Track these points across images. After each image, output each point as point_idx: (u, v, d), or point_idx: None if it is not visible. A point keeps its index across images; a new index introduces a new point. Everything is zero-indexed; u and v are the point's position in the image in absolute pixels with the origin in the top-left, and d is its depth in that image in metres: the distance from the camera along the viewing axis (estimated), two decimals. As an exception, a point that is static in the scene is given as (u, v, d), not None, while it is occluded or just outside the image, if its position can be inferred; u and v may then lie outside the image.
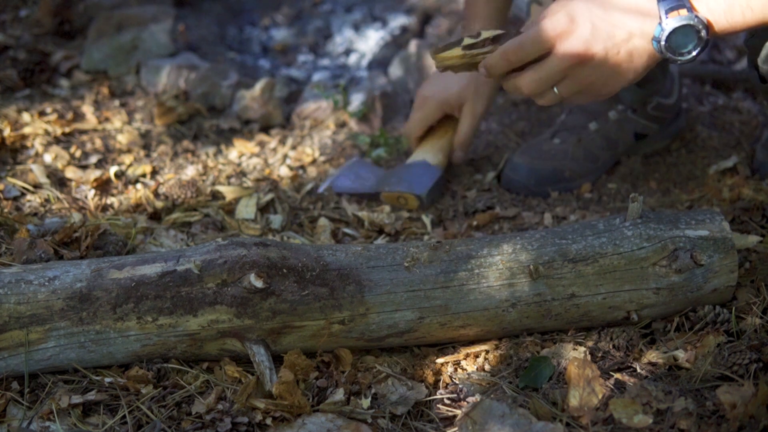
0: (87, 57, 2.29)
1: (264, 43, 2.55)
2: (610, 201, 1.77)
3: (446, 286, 1.26)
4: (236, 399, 1.16)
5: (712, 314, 1.30)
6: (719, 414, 1.13)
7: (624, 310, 1.30)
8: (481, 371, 1.28)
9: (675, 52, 1.20)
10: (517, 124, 2.08)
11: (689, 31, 1.17)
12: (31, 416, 1.16)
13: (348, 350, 1.28)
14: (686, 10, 1.17)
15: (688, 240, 1.29)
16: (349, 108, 2.09)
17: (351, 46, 2.51)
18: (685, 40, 1.18)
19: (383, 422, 1.16)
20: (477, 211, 1.75)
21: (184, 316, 1.21)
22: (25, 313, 1.19)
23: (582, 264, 1.28)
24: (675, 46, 1.19)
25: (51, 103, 2.11)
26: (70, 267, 1.24)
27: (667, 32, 1.17)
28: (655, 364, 1.25)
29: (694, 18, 1.17)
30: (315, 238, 1.66)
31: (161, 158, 1.94)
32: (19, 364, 1.21)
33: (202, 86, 2.17)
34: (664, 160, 1.88)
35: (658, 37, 1.19)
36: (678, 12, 1.17)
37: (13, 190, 1.71)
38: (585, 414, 1.14)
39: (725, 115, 2.01)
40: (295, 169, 1.93)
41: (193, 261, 1.22)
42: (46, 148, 1.88)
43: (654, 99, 1.83)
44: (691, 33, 1.18)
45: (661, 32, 1.18)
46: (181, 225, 1.66)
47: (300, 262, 1.23)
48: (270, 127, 2.13)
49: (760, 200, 1.60)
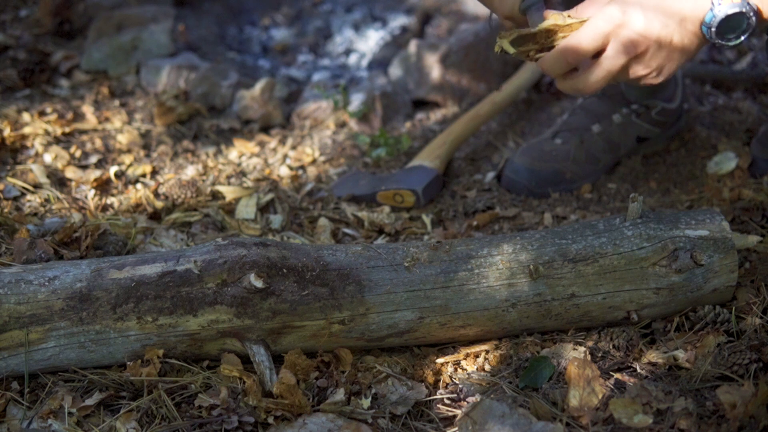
0: (87, 57, 2.29)
1: (264, 43, 2.55)
2: (610, 201, 1.77)
3: (446, 286, 1.26)
4: (243, 400, 1.16)
5: (712, 314, 1.30)
6: (719, 414, 1.13)
7: (624, 310, 1.30)
8: (481, 371, 1.28)
9: (723, 38, 1.20)
10: (517, 124, 2.08)
11: (741, 17, 1.18)
12: (31, 416, 1.16)
13: (348, 350, 1.28)
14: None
15: (688, 240, 1.29)
16: (349, 108, 2.09)
17: (351, 46, 2.51)
18: (735, 26, 1.19)
19: (383, 422, 1.16)
20: (477, 211, 1.75)
21: (184, 316, 1.21)
22: (25, 313, 1.19)
23: (582, 264, 1.28)
24: (724, 31, 1.20)
25: (51, 103, 2.11)
26: (70, 267, 1.24)
27: (719, 18, 1.18)
28: (655, 364, 1.25)
29: (746, 5, 1.17)
30: (315, 238, 1.66)
31: (161, 158, 1.94)
32: (19, 364, 1.21)
33: (202, 86, 2.17)
34: (664, 160, 1.88)
35: (709, 23, 1.19)
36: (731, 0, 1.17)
37: (13, 190, 1.71)
38: (585, 414, 1.14)
39: (725, 115, 2.01)
40: (295, 169, 1.93)
41: (193, 261, 1.22)
42: (46, 148, 1.88)
43: (658, 104, 1.83)
44: (742, 19, 1.18)
45: (713, 18, 1.18)
46: (181, 225, 1.66)
47: (300, 262, 1.23)
48: (270, 127, 2.13)
49: (760, 200, 1.60)
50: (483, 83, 2.18)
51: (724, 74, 2.19)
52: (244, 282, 1.20)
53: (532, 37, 1.22)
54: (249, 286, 1.20)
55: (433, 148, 1.88)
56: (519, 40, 1.23)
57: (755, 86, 2.14)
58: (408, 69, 2.21)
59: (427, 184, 1.77)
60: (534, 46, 1.23)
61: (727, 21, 1.18)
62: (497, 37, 1.25)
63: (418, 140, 2.02)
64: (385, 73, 2.26)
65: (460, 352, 1.32)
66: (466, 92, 2.17)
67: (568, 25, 1.20)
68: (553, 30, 1.21)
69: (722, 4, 1.17)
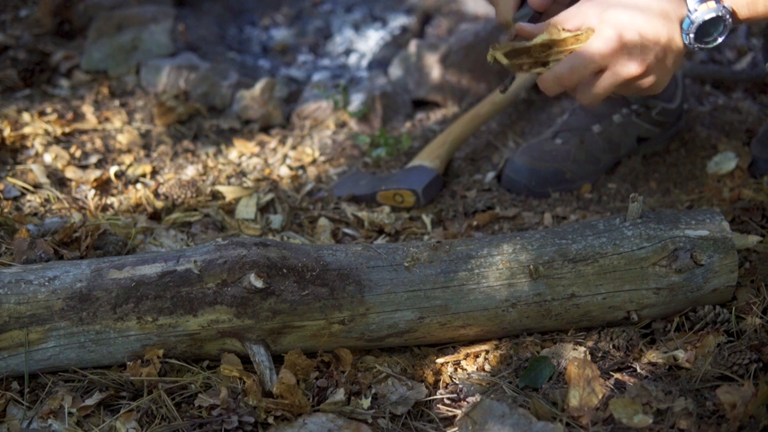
0: (87, 57, 2.29)
1: (264, 43, 2.54)
2: (610, 201, 1.77)
3: (446, 286, 1.26)
4: (243, 400, 1.16)
5: (712, 314, 1.30)
6: (719, 414, 1.13)
7: (624, 310, 1.30)
8: (481, 371, 1.28)
9: (701, 41, 1.22)
10: (518, 124, 2.08)
11: (717, 21, 1.20)
12: (31, 416, 1.16)
13: (348, 350, 1.28)
14: (714, 2, 1.19)
15: (688, 240, 1.29)
16: (349, 108, 2.09)
17: (351, 46, 2.51)
18: (713, 29, 1.21)
19: (383, 422, 1.16)
20: (477, 211, 1.75)
21: (184, 316, 1.21)
22: (25, 313, 1.19)
23: (582, 264, 1.28)
24: (702, 36, 1.22)
25: (51, 103, 2.11)
26: (70, 267, 1.24)
27: (696, 25, 1.20)
28: (655, 364, 1.25)
29: (721, 9, 1.19)
30: (315, 238, 1.66)
31: (161, 158, 1.94)
32: (19, 364, 1.21)
33: (202, 86, 2.17)
34: (664, 160, 1.88)
35: (686, 30, 1.21)
36: (706, 5, 1.19)
37: (13, 190, 1.71)
38: (585, 414, 1.14)
39: (725, 115, 2.01)
40: (295, 169, 1.93)
41: (193, 261, 1.22)
42: (46, 148, 1.88)
43: (658, 104, 1.84)
44: (718, 23, 1.20)
45: (690, 25, 1.21)
46: (181, 225, 1.66)
47: (300, 262, 1.23)
48: (270, 127, 2.13)
49: (760, 200, 1.60)
50: (483, 83, 2.18)
51: (724, 74, 2.19)
52: (244, 282, 1.20)
53: (526, 50, 1.24)
54: (249, 286, 1.20)
55: (433, 148, 1.88)
56: (513, 53, 1.24)
57: (755, 86, 2.14)
58: (408, 69, 2.21)
59: (427, 184, 1.77)
60: (528, 60, 1.25)
61: (703, 26, 1.20)
62: (491, 48, 1.26)
63: (418, 140, 2.02)
64: (385, 73, 2.26)
65: (460, 352, 1.32)
66: (466, 92, 2.17)
67: (563, 39, 1.22)
68: (548, 44, 1.22)
69: (698, 11, 1.19)
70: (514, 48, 1.24)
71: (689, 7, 1.20)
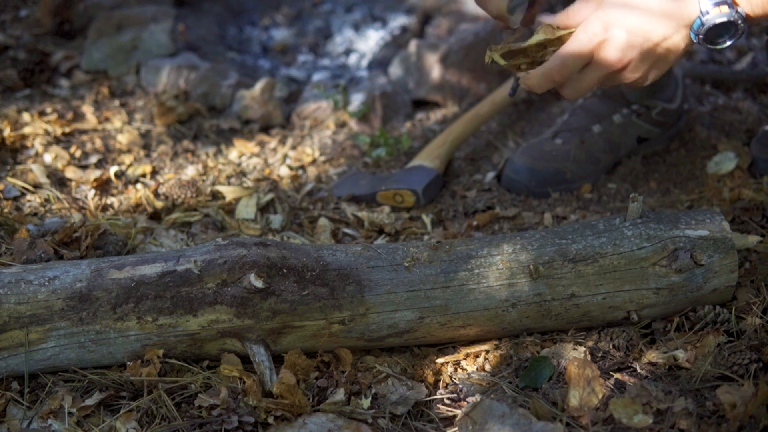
0: (87, 57, 2.29)
1: (264, 43, 2.54)
2: (610, 201, 1.77)
3: (446, 286, 1.26)
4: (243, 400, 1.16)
5: (712, 314, 1.30)
6: (719, 414, 1.13)
7: (624, 310, 1.30)
8: (481, 371, 1.28)
9: (711, 42, 1.22)
10: (518, 124, 2.08)
11: (729, 25, 1.19)
12: (31, 416, 1.16)
13: (348, 350, 1.28)
14: (727, 6, 1.18)
15: (688, 240, 1.29)
16: (349, 108, 2.09)
17: (351, 46, 2.51)
18: (723, 32, 1.20)
19: (383, 422, 1.16)
20: (477, 211, 1.75)
21: (184, 316, 1.21)
22: (25, 313, 1.19)
23: (582, 264, 1.28)
24: (712, 37, 1.21)
25: (51, 103, 2.11)
26: (70, 267, 1.24)
27: (707, 27, 1.19)
28: (655, 364, 1.25)
29: (734, 14, 1.18)
30: (315, 238, 1.66)
31: (161, 158, 1.94)
32: (19, 364, 1.21)
33: (202, 86, 2.17)
34: (664, 160, 1.88)
35: (696, 30, 1.20)
36: (719, 9, 1.18)
37: (13, 190, 1.71)
38: (585, 414, 1.14)
39: (725, 115, 2.01)
40: (295, 169, 1.93)
41: (193, 261, 1.22)
42: (46, 148, 1.88)
43: (659, 104, 1.84)
44: (730, 27, 1.19)
45: (700, 26, 1.19)
46: (181, 225, 1.66)
47: (300, 262, 1.23)
48: (270, 127, 2.13)
49: (760, 200, 1.60)
50: (483, 83, 2.18)
51: (724, 74, 2.19)
52: (244, 282, 1.20)
53: (522, 50, 1.25)
54: (249, 286, 1.20)
55: (433, 148, 1.88)
56: (509, 54, 1.25)
57: (755, 86, 2.14)
58: (408, 69, 2.21)
59: (427, 184, 1.77)
60: (525, 60, 1.26)
61: (714, 29, 1.19)
62: (488, 49, 1.27)
63: (418, 140, 2.02)
64: (385, 73, 2.26)
65: (460, 352, 1.32)
66: (466, 92, 2.17)
67: (558, 38, 1.23)
68: (544, 44, 1.23)
69: (710, 14, 1.18)
70: (510, 49, 1.25)
71: (701, 8, 1.19)
